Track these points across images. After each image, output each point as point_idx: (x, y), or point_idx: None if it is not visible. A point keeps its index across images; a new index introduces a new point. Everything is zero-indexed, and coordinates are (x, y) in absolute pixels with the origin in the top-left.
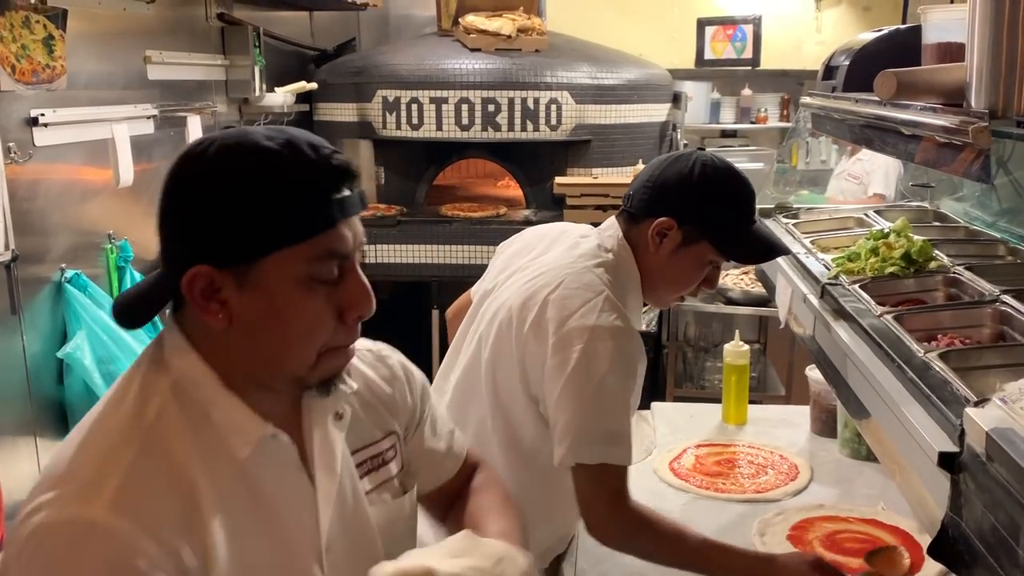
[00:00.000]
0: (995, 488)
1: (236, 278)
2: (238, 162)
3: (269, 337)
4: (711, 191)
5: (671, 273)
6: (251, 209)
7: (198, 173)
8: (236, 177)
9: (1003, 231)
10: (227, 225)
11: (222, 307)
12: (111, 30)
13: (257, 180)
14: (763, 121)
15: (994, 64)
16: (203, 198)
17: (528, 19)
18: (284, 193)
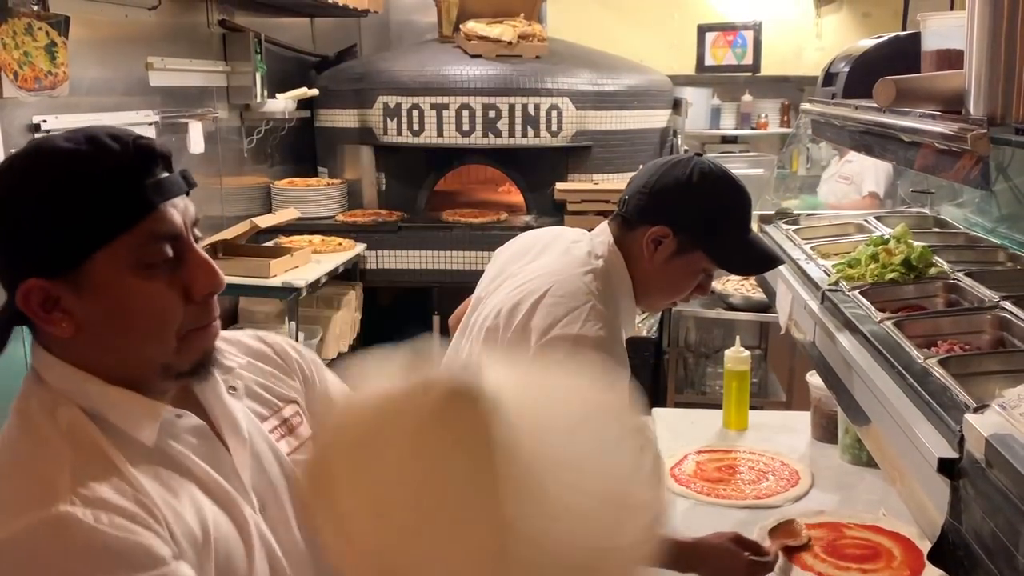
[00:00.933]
0: (994, 494)
1: (69, 284)
2: (40, 169)
3: (121, 333)
4: (709, 200)
5: (664, 280)
6: (63, 212)
7: (3, 188)
8: (41, 184)
9: (1003, 237)
10: (43, 233)
11: (67, 316)
12: (113, 37)
13: (62, 182)
14: (763, 127)
15: (993, 71)
16: (13, 212)
17: (529, 25)
18: (92, 189)
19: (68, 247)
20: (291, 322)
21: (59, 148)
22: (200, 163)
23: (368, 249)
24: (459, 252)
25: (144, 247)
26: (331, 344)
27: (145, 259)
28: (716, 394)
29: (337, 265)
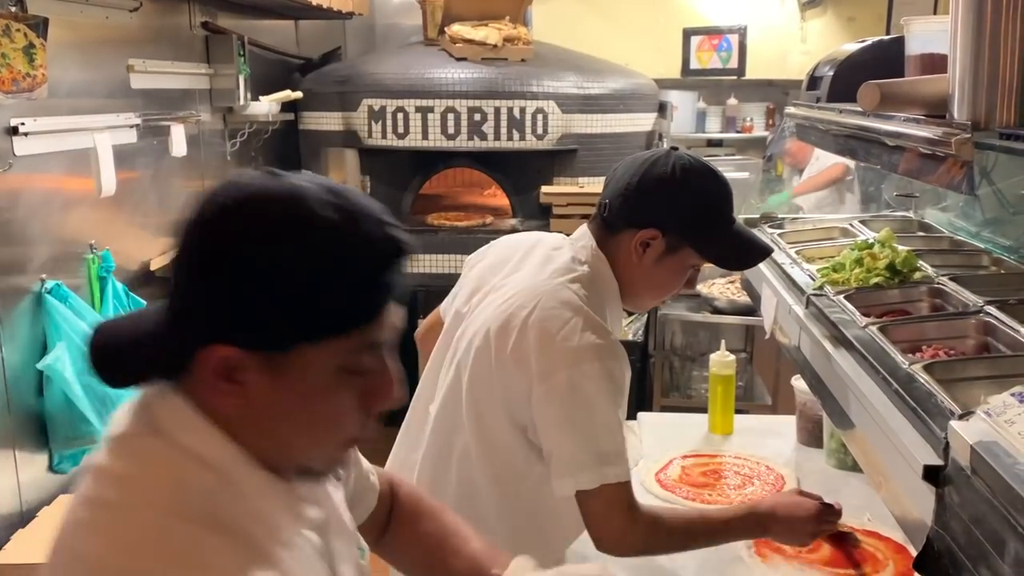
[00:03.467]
0: (980, 502)
1: (265, 362)
2: (291, 233)
3: (294, 429)
4: (695, 196)
5: (653, 281)
6: (299, 294)
7: (241, 236)
8: (287, 253)
9: (987, 241)
10: (268, 307)
11: (240, 390)
12: (93, 39)
13: (311, 260)
14: (749, 131)
15: (977, 76)
16: (242, 270)
17: (514, 28)
18: (338, 279)
19: (289, 330)
20: None
21: (317, 216)
22: (182, 166)
23: None
24: (444, 256)
25: (356, 352)
26: None
27: (350, 365)
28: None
29: None
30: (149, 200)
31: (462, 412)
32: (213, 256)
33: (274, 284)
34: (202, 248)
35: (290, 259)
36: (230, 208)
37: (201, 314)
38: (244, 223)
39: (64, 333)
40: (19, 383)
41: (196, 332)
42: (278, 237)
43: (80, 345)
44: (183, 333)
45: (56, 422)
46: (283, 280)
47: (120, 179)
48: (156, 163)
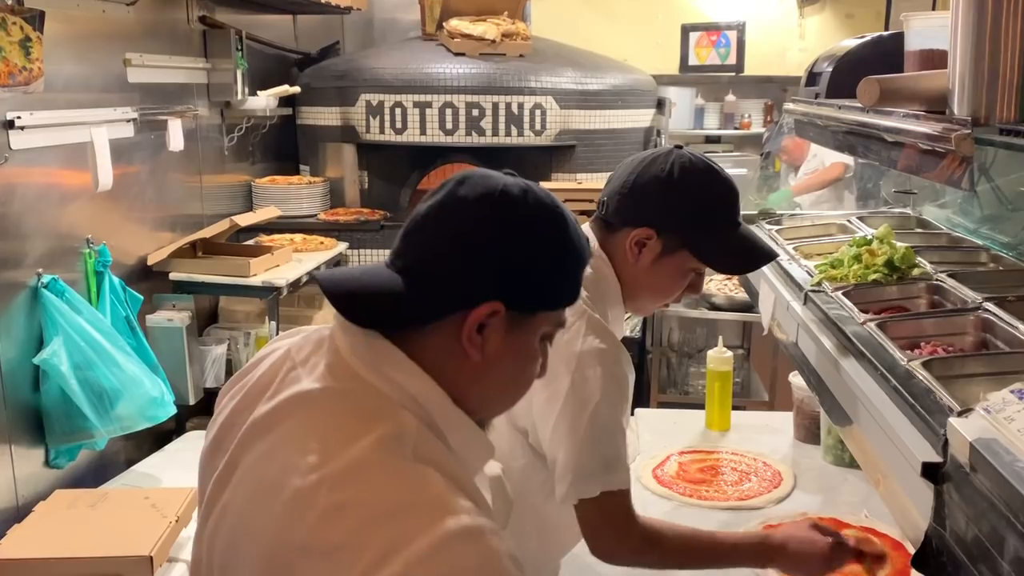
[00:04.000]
0: (979, 499)
1: (513, 321)
2: (554, 219)
3: (503, 381)
4: (692, 197)
5: (652, 283)
6: (558, 266)
7: (521, 218)
8: (554, 233)
9: (985, 238)
10: (538, 275)
11: (480, 341)
12: (90, 32)
13: (566, 241)
14: (747, 127)
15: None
16: (525, 244)
17: (512, 24)
18: (576, 259)
19: (545, 295)
20: (272, 322)
21: (568, 217)
22: (180, 161)
23: (350, 248)
24: None
25: (556, 327)
26: None
27: (548, 335)
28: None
29: (319, 264)
30: (146, 194)
31: None
32: (505, 233)
33: (543, 261)
34: (493, 224)
35: (558, 241)
36: (502, 195)
37: (479, 275)
38: (527, 212)
39: (60, 327)
40: (15, 377)
41: (469, 290)
42: (554, 224)
43: (76, 339)
44: (452, 290)
45: (52, 417)
46: (551, 256)
47: (117, 173)
48: (153, 157)
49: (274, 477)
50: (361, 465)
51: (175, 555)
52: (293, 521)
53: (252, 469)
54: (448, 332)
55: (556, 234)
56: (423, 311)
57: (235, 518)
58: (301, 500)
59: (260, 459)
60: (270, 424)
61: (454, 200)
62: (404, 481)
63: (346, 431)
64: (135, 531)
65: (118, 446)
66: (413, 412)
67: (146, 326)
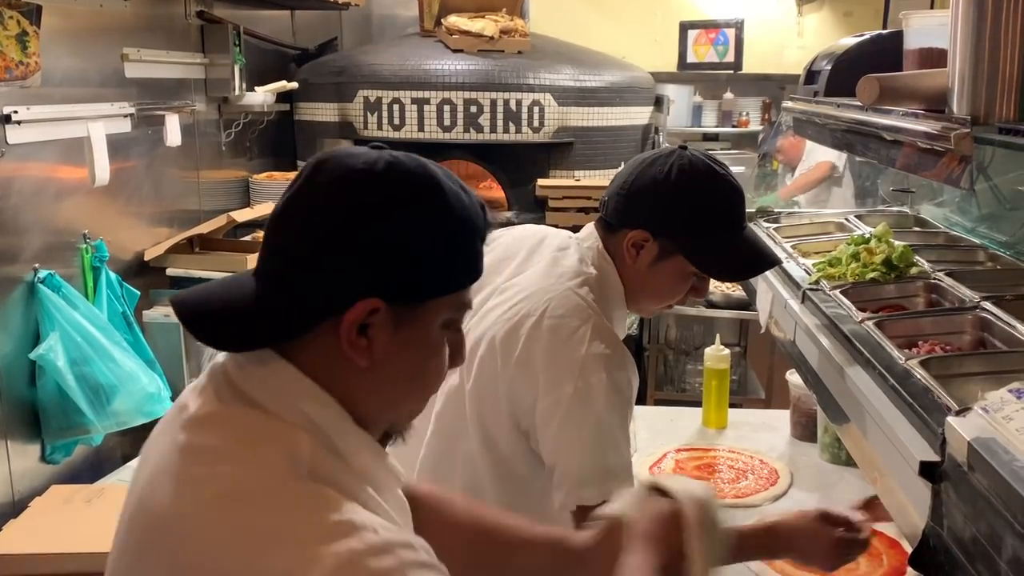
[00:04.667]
0: (977, 499)
1: (398, 316)
2: (425, 191)
3: (407, 381)
4: (687, 201)
5: (651, 286)
6: (441, 244)
7: (383, 197)
8: (432, 210)
9: (983, 237)
10: (417, 258)
11: (366, 343)
12: (87, 27)
13: (446, 214)
14: (745, 125)
15: (976, 70)
16: (396, 229)
17: (511, 20)
18: (465, 236)
19: (429, 281)
20: None
21: (445, 185)
22: (177, 156)
23: None
24: None
25: (459, 310)
26: None
27: (451, 322)
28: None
29: None
30: (143, 190)
31: (465, 416)
32: (366, 218)
33: (420, 242)
34: (351, 211)
35: (431, 221)
36: (354, 172)
37: (348, 270)
38: (390, 189)
39: (57, 323)
40: (11, 373)
41: (339, 289)
42: (427, 196)
43: (73, 335)
44: (315, 294)
45: (48, 412)
46: (427, 238)
47: (114, 168)
48: (150, 153)
49: (158, 506)
50: (246, 488)
51: None
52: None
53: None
54: (329, 340)
55: (431, 208)
56: (289, 323)
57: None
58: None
59: (145, 489)
60: (150, 453)
61: (308, 189)
62: (297, 501)
63: (231, 454)
64: None
65: (114, 442)
66: (309, 432)
67: (143, 322)
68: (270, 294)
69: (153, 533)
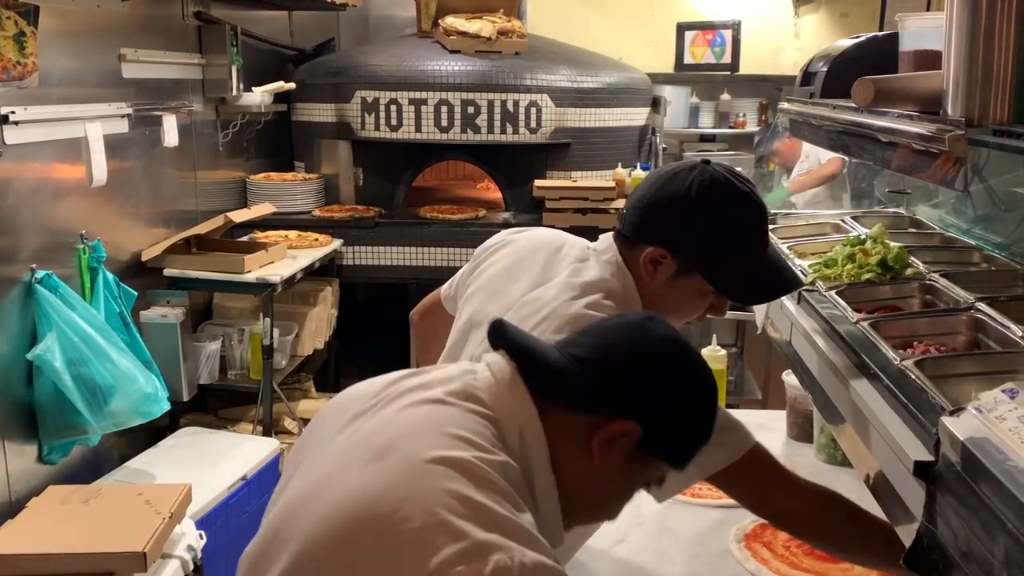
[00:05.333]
0: (971, 498)
1: (636, 452)
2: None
3: (605, 497)
4: (707, 220)
5: (670, 302)
6: (695, 433)
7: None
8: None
9: (978, 238)
10: (679, 431)
11: (603, 456)
12: (84, 27)
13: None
14: (742, 126)
15: (971, 73)
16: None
17: (508, 21)
18: (706, 435)
19: (677, 451)
20: (266, 318)
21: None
22: (174, 157)
23: (345, 245)
24: (437, 248)
25: (657, 481)
26: (307, 341)
27: (649, 482)
28: None
29: (313, 261)
30: (141, 190)
31: None
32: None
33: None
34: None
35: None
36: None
37: (638, 399)
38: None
39: (54, 323)
40: (8, 373)
41: (619, 402)
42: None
43: (70, 335)
44: (608, 393)
45: (45, 412)
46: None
47: (111, 169)
48: (148, 153)
49: (382, 445)
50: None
51: (168, 551)
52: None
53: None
54: (583, 428)
55: (707, 406)
56: (582, 396)
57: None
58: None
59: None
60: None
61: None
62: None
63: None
64: (128, 527)
65: (112, 442)
66: (518, 463)
67: (140, 322)
68: (587, 372)
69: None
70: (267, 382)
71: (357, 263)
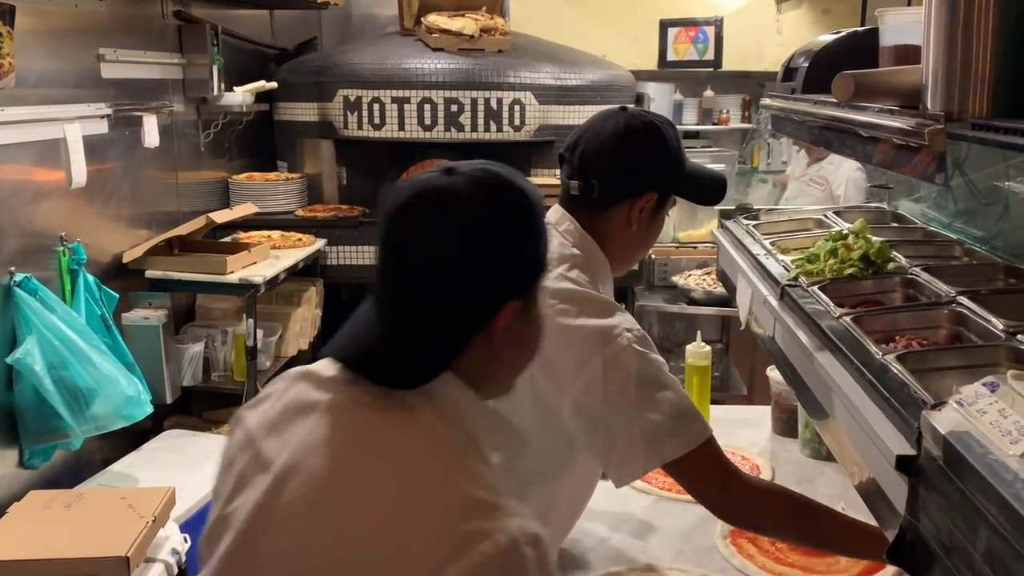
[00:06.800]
0: (952, 492)
1: (524, 306)
2: (521, 201)
3: (526, 357)
4: (673, 146)
5: (644, 241)
6: (537, 231)
7: (489, 210)
8: (525, 213)
9: (959, 232)
10: (533, 262)
11: (511, 336)
12: (62, 27)
13: (532, 208)
14: (725, 122)
15: (949, 67)
16: (510, 234)
17: (491, 19)
18: (542, 219)
19: (539, 268)
20: (249, 319)
21: (519, 183)
22: (155, 157)
23: (329, 245)
24: None
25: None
26: (291, 341)
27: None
28: None
29: (297, 261)
30: (121, 191)
31: None
32: (474, 232)
33: (525, 235)
34: (466, 231)
35: (526, 212)
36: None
37: (484, 284)
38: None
39: (34, 326)
40: None
41: (482, 303)
42: (512, 205)
43: (50, 339)
44: (463, 309)
45: (26, 417)
46: (528, 230)
47: (91, 170)
48: (128, 154)
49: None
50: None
51: (152, 555)
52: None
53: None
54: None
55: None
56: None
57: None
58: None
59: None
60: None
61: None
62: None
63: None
64: (111, 531)
65: (94, 446)
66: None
67: (122, 324)
68: (434, 327)
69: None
70: (251, 383)
71: (341, 263)
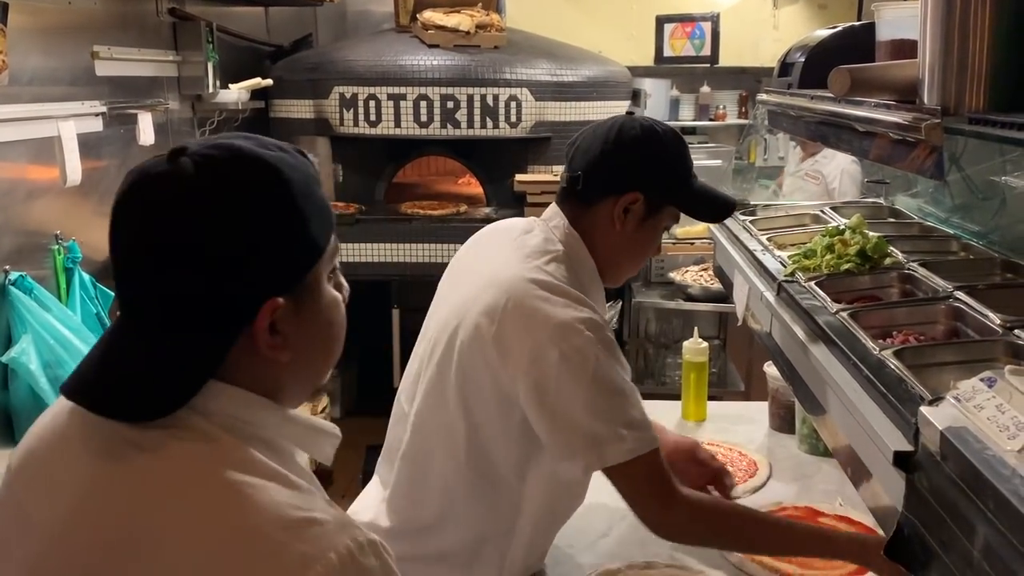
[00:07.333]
0: (950, 487)
1: (294, 302)
2: (259, 179)
3: (325, 349)
4: (669, 154)
5: (634, 247)
6: (300, 215)
7: (221, 193)
8: (268, 195)
9: (956, 227)
10: (289, 241)
11: (280, 338)
12: (56, 25)
13: (290, 189)
14: (722, 118)
15: (946, 61)
16: (251, 226)
17: (487, 15)
18: (310, 192)
19: (307, 252)
20: None
21: (263, 155)
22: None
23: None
24: (418, 244)
25: (333, 256)
26: None
27: (333, 268)
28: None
29: None
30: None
31: (448, 404)
32: (237, 220)
33: (285, 224)
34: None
35: (283, 201)
36: (172, 178)
37: (232, 284)
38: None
39: (29, 325)
40: None
41: (237, 306)
42: (246, 182)
43: (46, 337)
44: (217, 317)
45: (21, 416)
46: (288, 216)
47: (86, 168)
48: (123, 152)
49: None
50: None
51: None
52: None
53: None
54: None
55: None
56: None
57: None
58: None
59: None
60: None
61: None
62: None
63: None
64: None
65: None
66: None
67: None
68: (175, 341)
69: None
70: None
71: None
